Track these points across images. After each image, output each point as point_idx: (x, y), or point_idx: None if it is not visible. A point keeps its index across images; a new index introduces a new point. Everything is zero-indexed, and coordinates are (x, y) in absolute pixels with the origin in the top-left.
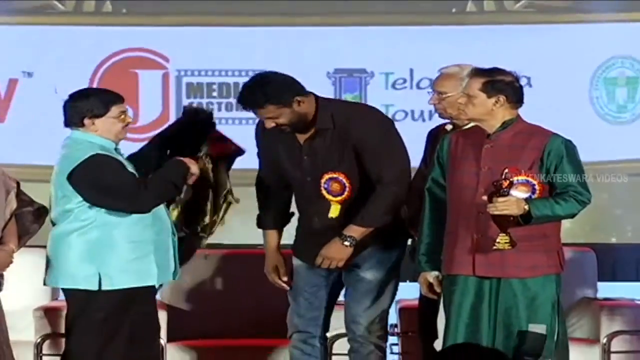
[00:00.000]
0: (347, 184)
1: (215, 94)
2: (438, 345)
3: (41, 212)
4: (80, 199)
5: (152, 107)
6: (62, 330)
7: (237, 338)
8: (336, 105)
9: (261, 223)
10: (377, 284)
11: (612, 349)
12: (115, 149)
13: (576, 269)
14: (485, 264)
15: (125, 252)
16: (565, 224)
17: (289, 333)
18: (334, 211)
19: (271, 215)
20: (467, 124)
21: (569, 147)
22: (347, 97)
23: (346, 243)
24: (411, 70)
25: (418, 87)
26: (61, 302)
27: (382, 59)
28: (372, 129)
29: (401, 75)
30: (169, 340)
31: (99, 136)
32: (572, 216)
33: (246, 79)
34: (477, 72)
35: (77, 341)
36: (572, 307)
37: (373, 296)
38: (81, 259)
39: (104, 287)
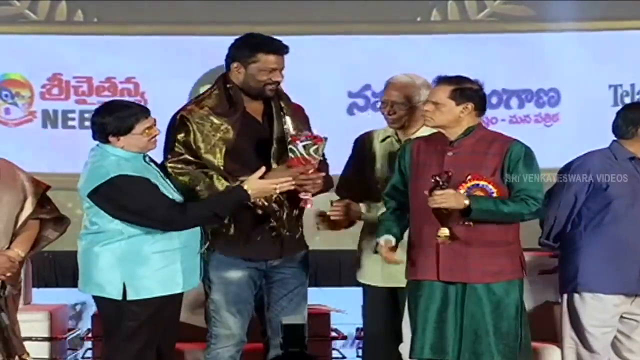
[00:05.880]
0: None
1: None
2: (403, 349)
3: (62, 221)
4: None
5: None
6: None
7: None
8: None
9: None
10: (300, 288)
11: None
12: (144, 158)
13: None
14: (449, 269)
15: (152, 263)
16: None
17: (231, 342)
18: None
19: None
20: (414, 133)
21: (527, 152)
22: None
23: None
24: None
25: None
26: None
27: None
28: None
29: None
30: None
31: (125, 150)
32: (521, 217)
33: None
34: (445, 80)
35: (113, 348)
36: (535, 311)
37: (300, 301)
38: (107, 269)
39: (129, 298)
